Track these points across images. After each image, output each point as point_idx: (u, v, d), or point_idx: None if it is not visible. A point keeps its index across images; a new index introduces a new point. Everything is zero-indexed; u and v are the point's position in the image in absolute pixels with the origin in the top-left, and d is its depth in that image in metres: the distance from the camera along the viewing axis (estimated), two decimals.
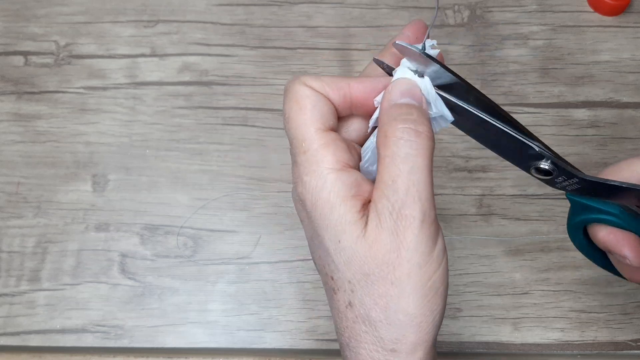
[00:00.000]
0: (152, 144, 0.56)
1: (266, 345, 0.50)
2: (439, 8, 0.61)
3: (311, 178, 0.30)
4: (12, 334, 0.50)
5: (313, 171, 0.30)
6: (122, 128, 0.57)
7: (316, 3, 0.61)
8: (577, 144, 0.57)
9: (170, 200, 0.54)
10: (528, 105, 0.58)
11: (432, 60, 0.31)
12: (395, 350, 0.29)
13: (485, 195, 0.55)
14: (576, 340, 0.51)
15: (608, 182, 0.33)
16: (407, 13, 0.61)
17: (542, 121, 0.57)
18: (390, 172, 0.29)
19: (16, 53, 0.60)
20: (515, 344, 0.50)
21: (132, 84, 0.58)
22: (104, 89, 0.58)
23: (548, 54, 0.60)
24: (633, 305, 0.52)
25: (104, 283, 0.52)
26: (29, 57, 0.59)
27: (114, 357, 0.50)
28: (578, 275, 0.52)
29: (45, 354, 0.50)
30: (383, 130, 0.30)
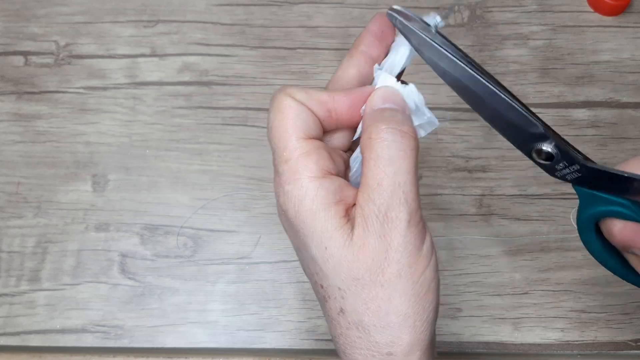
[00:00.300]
0: (152, 144, 0.56)
1: (266, 345, 0.50)
2: (438, 8, 0.61)
3: (293, 187, 0.29)
4: (12, 334, 0.50)
5: (295, 180, 0.29)
6: (122, 128, 0.57)
7: (316, 3, 0.61)
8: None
9: (170, 200, 0.54)
10: (528, 105, 0.58)
11: (443, 39, 0.32)
12: (391, 353, 0.29)
13: (485, 195, 0.55)
14: (576, 340, 0.51)
15: (611, 171, 0.31)
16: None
17: None
18: (375, 175, 0.29)
19: (16, 53, 0.60)
20: (515, 344, 0.50)
21: (132, 84, 0.58)
22: (104, 89, 0.58)
23: (548, 54, 0.60)
24: (633, 305, 0.52)
25: (104, 283, 0.52)
26: (29, 57, 0.59)
27: (114, 357, 0.50)
28: (578, 275, 0.52)
29: (45, 354, 0.50)
30: (367, 132, 0.30)
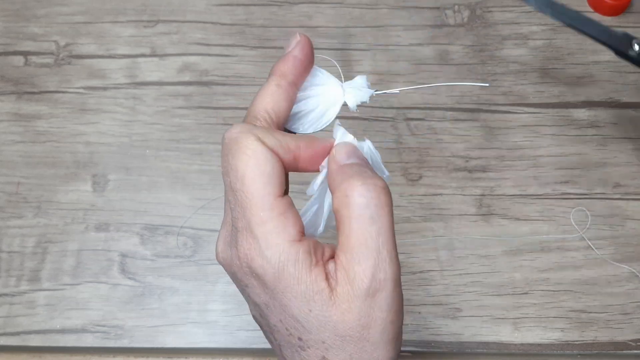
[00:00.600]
0: (152, 144, 0.56)
1: (266, 345, 0.50)
2: (438, 8, 0.61)
3: (273, 252, 0.28)
4: (12, 334, 0.50)
5: (276, 245, 0.28)
6: (122, 128, 0.57)
7: (316, 3, 0.61)
8: (577, 144, 0.57)
9: (170, 200, 0.54)
10: (528, 105, 0.58)
11: None
12: None
13: (485, 195, 0.55)
14: (576, 340, 0.51)
15: None
16: (407, 13, 0.61)
17: (542, 121, 0.57)
18: (358, 235, 0.28)
19: (16, 53, 0.60)
20: (515, 344, 0.50)
21: (132, 84, 0.58)
22: (104, 89, 0.58)
23: (548, 54, 0.60)
24: (633, 305, 0.52)
25: (104, 283, 0.52)
26: (29, 57, 0.59)
27: (114, 357, 0.50)
28: (578, 275, 0.52)
29: (45, 354, 0.50)
30: (341, 190, 0.29)
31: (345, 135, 0.32)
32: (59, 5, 0.61)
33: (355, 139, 0.32)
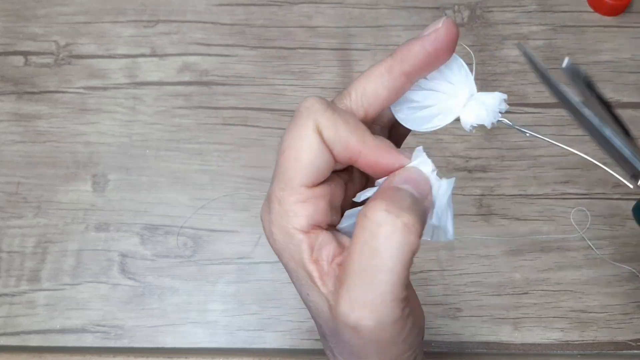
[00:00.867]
0: (152, 144, 0.56)
1: (266, 345, 0.50)
2: (438, 8, 0.61)
3: (278, 232, 0.28)
4: (12, 334, 0.50)
5: (282, 226, 0.28)
6: (122, 128, 0.57)
7: (316, 3, 0.61)
8: (577, 144, 0.56)
9: (170, 200, 0.54)
10: (528, 105, 0.58)
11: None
12: None
13: (485, 195, 0.55)
14: (576, 340, 0.51)
15: None
16: (407, 13, 0.61)
17: (542, 121, 0.57)
18: (355, 263, 0.26)
19: (16, 53, 0.60)
20: (515, 344, 0.50)
21: (132, 84, 0.58)
22: (104, 89, 0.58)
23: (548, 54, 0.60)
24: (633, 305, 0.52)
25: (104, 283, 0.52)
26: (29, 57, 0.59)
27: (114, 357, 0.50)
28: (578, 275, 0.52)
29: (45, 354, 0.50)
30: (365, 208, 0.26)
31: (423, 163, 0.28)
32: (59, 5, 0.61)
33: (435, 171, 0.28)
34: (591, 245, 0.53)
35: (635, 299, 0.52)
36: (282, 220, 0.28)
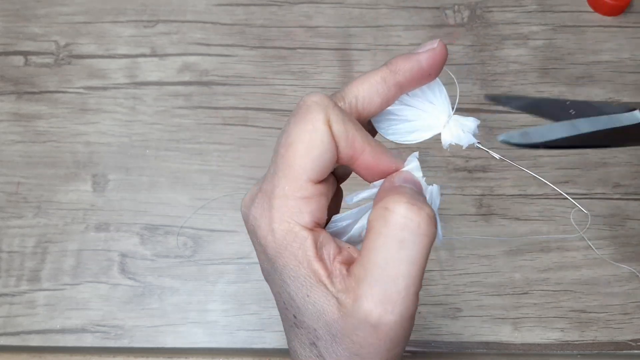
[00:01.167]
0: (152, 144, 0.56)
1: (266, 345, 0.50)
2: (438, 8, 0.61)
3: (281, 229, 0.27)
4: (12, 334, 0.50)
5: (286, 222, 0.27)
6: (122, 128, 0.57)
7: (316, 3, 0.61)
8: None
9: (170, 200, 0.54)
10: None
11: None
12: None
13: (485, 195, 0.55)
14: (576, 340, 0.51)
15: None
16: (407, 13, 0.61)
17: (542, 121, 0.57)
18: (382, 256, 0.26)
19: (16, 53, 0.60)
20: (515, 344, 0.50)
21: (132, 84, 0.58)
22: (104, 89, 0.58)
23: (548, 54, 0.60)
24: (633, 305, 0.52)
25: (104, 283, 0.52)
26: (29, 57, 0.59)
27: (114, 357, 0.50)
28: (578, 275, 0.52)
29: (45, 354, 0.50)
30: (384, 202, 0.26)
31: (416, 169, 0.30)
32: (59, 5, 0.61)
33: (425, 179, 0.30)
34: (591, 245, 0.53)
35: (635, 299, 0.52)
36: (287, 216, 0.27)
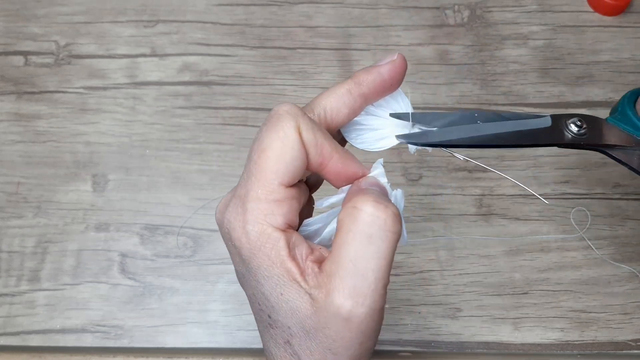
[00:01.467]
0: (152, 144, 0.56)
1: None
2: (438, 8, 0.61)
3: (254, 230, 0.28)
4: (12, 334, 0.50)
5: (259, 224, 0.28)
6: (122, 128, 0.57)
7: (316, 3, 0.61)
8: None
9: (170, 200, 0.54)
10: (528, 105, 0.58)
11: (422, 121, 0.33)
12: None
13: (485, 195, 0.55)
14: (576, 340, 0.51)
15: None
16: (407, 13, 0.61)
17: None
18: (351, 252, 0.28)
19: (16, 53, 0.60)
20: (515, 344, 0.50)
21: (132, 84, 0.58)
22: (104, 89, 0.58)
23: (548, 54, 0.60)
24: (633, 305, 0.52)
25: (104, 283, 0.52)
26: (29, 57, 0.59)
27: (114, 357, 0.50)
28: (578, 275, 0.52)
29: (45, 354, 0.50)
30: (352, 202, 0.28)
31: (381, 175, 0.32)
32: (59, 5, 0.61)
33: (389, 184, 0.32)
34: (591, 245, 0.53)
35: (635, 299, 0.52)
36: (260, 218, 0.29)
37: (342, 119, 0.32)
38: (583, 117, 0.35)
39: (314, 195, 0.34)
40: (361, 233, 0.28)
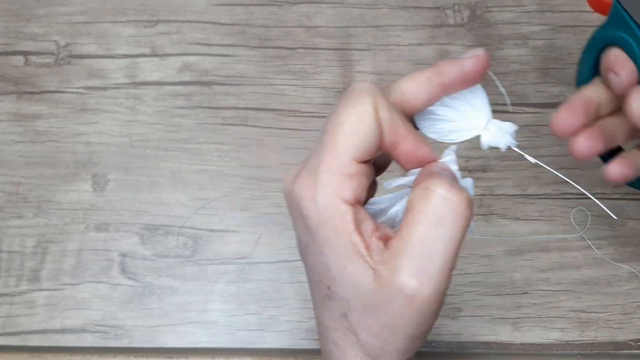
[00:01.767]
0: (152, 144, 0.56)
1: (266, 345, 0.50)
2: (438, 8, 0.61)
3: (324, 200, 0.29)
4: (12, 334, 0.50)
5: (329, 195, 0.29)
6: (122, 128, 0.57)
7: (316, 3, 0.61)
8: None
9: (170, 200, 0.54)
10: (528, 105, 0.58)
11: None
12: (377, 358, 0.30)
13: (485, 195, 0.55)
14: (576, 340, 0.51)
15: None
16: (407, 13, 0.61)
17: (542, 121, 0.57)
18: (421, 233, 0.28)
19: (16, 53, 0.60)
20: (515, 344, 0.50)
21: (132, 84, 0.58)
22: (104, 89, 0.58)
23: (548, 54, 0.60)
24: (633, 305, 0.52)
25: (104, 283, 0.52)
26: (29, 57, 0.59)
27: (114, 357, 0.50)
28: (578, 275, 0.52)
29: (45, 354, 0.50)
30: (425, 184, 0.29)
31: (452, 162, 0.32)
32: (59, 5, 0.61)
33: (459, 171, 0.32)
34: (591, 245, 0.53)
35: (635, 299, 0.52)
36: (330, 190, 0.29)
37: (419, 105, 0.32)
38: None
39: (379, 178, 0.34)
40: (432, 214, 0.28)
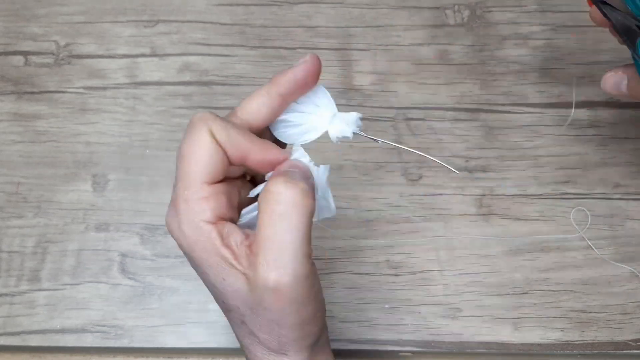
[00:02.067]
0: (152, 144, 0.56)
1: None
2: (438, 8, 0.61)
3: (188, 228, 0.32)
4: (12, 334, 0.50)
5: (190, 221, 0.32)
6: (122, 128, 0.57)
7: (316, 3, 0.61)
8: (577, 144, 0.57)
9: (170, 200, 0.54)
10: (528, 105, 0.58)
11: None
12: (284, 353, 0.33)
13: (485, 195, 0.55)
14: (576, 340, 0.51)
15: None
16: (407, 13, 0.61)
17: (542, 121, 0.57)
18: (267, 230, 0.30)
19: (16, 53, 0.60)
20: (515, 344, 0.50)
21: (132, 84, 0.58)
22: (104, 89, 0.58)
23: (548, 54, 0.60)
24: (633, 305, 0.52)
25: (104, 283, 0.52)
26: (29, 57, 0.59)
27: (114, 357, 0.50)
28: (578, 275, 0.52)
29: (45, 354, 0.50)
30: (266, 186, 0.32)
31: (302, 156, 0.35)
32: (59, 5, 0.61)
33: (312, 162, 0.34)
34: (591, 245, 0.53)
35: (635, 299, 0.52)
36: (190, 216, 0.32)
37: (264, 118, 0.35)
38: None
39: None
40: (273, 212, 0.30)
